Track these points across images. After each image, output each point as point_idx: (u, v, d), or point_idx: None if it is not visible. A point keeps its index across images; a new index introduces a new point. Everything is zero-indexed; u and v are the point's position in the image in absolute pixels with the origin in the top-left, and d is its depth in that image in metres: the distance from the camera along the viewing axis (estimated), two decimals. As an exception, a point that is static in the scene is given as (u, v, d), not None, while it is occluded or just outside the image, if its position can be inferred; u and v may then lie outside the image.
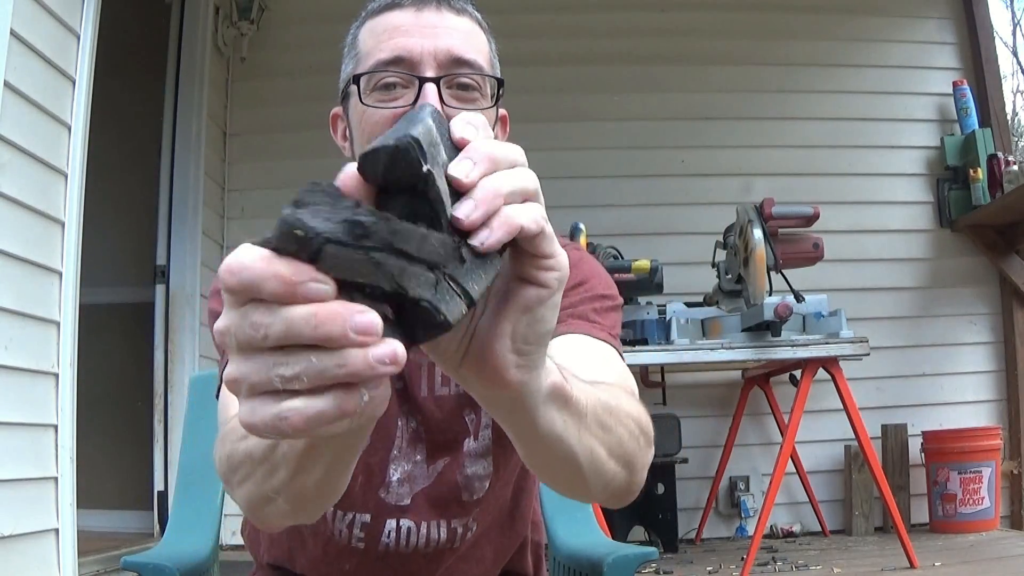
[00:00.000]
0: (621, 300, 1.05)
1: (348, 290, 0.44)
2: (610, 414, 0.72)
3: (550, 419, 0.64)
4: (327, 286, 0.43)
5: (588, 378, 0.72)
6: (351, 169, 0.47)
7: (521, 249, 0.53)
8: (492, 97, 1.00)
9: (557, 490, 0.79)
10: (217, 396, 0.93)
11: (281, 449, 0.64)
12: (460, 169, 0.50)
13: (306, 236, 0.42)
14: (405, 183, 0.48)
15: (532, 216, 0.51)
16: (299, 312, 0.43)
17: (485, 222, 0.49)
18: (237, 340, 0.45)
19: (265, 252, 0.43)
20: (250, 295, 0.43)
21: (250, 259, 0.43)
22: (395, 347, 0.45)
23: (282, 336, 0.43)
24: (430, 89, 0.94)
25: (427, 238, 0.45)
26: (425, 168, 0.47)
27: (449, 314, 0.47)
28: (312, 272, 0.43)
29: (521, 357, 0.56)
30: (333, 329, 0.43)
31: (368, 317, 0.44)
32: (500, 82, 1.01)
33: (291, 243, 0.42)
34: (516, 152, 0.53)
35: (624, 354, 0.97)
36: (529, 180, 0.52)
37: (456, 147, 0.52)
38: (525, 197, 0.52)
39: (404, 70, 0.96)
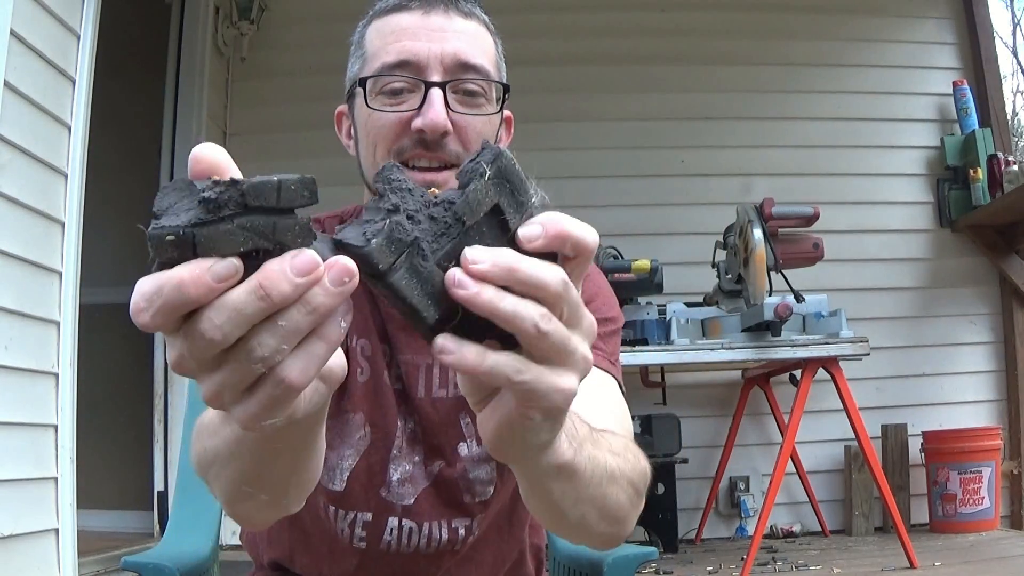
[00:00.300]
0: (623, 321, 1.04)
1: (247, 262, 0.43)
2: (613, 482, 0.70)
3: (548, 486, 0.63)
4: (231, 260, 0.42)
5: (598, 424, 0.70)
6: (197, 152, 0.44)
7: None
8: (497, 101, 1.00)
9: (542, 525, 0.77)
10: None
11: (246, 442, 0.62)
12: (472, 254, 0.46)
13: (176, 237, 0.41)
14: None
15: (503, 370, 0.46)
16: (241, 292, 0.42)
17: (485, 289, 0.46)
18: (197, 357, 0.43)
19: (157, 272, 0.42)
20: (177, 313, 0.42)
21: (152, 285, 0.42)
22: (342, 263, 0.43)
23: (237, 323, 0.42)
24: (435, 94, 0.94)
25: (285, 184, 0.43)
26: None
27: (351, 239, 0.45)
28: (208, 259, 0.42)
29: (503, 447, 0.53)
30: (283, 287, 0.42)
31: (303, 256, 0.43)
32: (506, 87, 1.01)
33: (169, 250, 0.42)
34: (554, 280, 0.47)
35: (624, 354, 0.96)
36: (528, 319, 0.46)
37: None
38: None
39: (410, 74, 0.95)
